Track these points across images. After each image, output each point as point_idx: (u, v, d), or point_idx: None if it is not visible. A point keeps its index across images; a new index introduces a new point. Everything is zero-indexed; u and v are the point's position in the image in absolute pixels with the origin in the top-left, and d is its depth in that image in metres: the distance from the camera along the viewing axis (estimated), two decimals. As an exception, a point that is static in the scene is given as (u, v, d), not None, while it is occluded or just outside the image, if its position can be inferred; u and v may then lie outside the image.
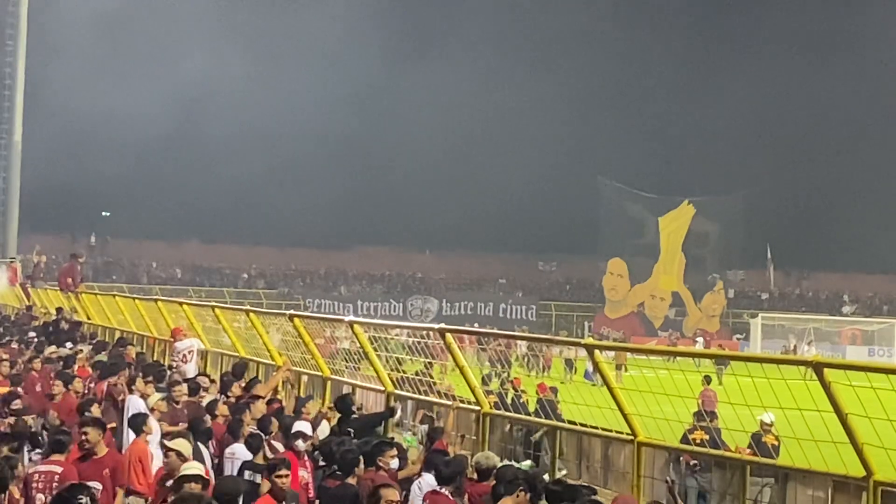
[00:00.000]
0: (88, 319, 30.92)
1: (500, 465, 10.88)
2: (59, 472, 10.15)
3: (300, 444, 11.57)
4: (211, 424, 12.72)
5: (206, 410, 13.83)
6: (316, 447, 12.01)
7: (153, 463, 11.55)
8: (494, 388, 20.63)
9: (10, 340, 23.20)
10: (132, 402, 14.51)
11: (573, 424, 14.10)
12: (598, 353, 11.99)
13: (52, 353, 20.60)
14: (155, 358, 23.02)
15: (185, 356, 20.23)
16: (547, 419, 15.10)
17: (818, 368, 8.95)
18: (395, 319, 59.11)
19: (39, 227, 61.09)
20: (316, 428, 13.23)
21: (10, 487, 8.75)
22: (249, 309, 20.98)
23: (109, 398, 15.06)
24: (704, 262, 71.22)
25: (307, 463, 11.56)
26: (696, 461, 14.06)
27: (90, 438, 10.80)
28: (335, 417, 14.34)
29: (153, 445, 12.00)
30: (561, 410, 17.57)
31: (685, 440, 13.45)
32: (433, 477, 10.53)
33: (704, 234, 70.26)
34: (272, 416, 13.16)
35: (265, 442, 12.27)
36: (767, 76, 78.52)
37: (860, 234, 71.60)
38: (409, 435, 16.52)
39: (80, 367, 18.34)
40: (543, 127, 74.46)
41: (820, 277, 79.80)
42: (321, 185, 73.01)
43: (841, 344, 60.96)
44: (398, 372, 16.50)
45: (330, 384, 17.35)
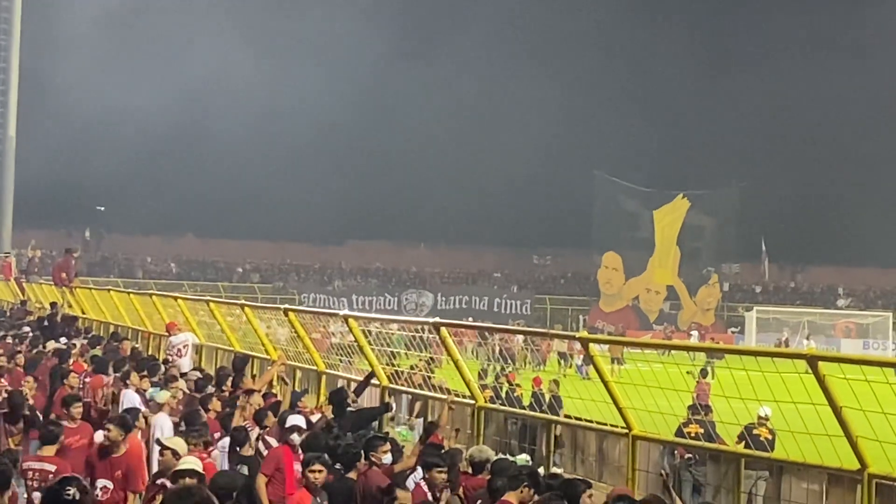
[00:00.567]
0: (83, 314, 30.90)
1: (493, 458, 10.87)
2: (52, 470, 10.07)
3: (295, 437, 11.57)
4: (206, 419, 12.70)
5: (199, 404, 13.83)
6: (307, 440, 11.96)
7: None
8: (490, 382, 20.65)
9: (4, 335, 23.15)
10: (127, 396, 14.52)
11: (568, 418, 14.11)
12: (592, 346, 12.00)
13: (47, 349, 20.53)
14: (150, 352, 23.01)
15: (179, 350, 20.24)
16: (553, 413, 15.14)
17: (813, 362, 8.96)
18: (389, 313, 59.06)
19: (34, 222, 61.03)
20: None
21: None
22: (244, 303, 20.95)
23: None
24: (699, 255, 71.26)
25: (301, 457, 11.54)
26: (690, 454, 14.10)
27: (110, 436, 10.73)
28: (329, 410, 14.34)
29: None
30: (564, 404, 17.55)
31: (680, 434, 13.44)
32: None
33: (699, 227, 70.31)
34: (268, 409, 13.15)
35: (260, 436, 12.28)
36: (762, 71, 78.51)
37: (855, 227, 71.65)
38: (403, 429, 16.53)
39: (74, 361, 18.31)
40: (538, 121, 74.38)
41: (815, 271, 79.88)
42: (316, 179, 73.03)
43: (835, 337, 61.01)
44: (392, 366, 16.50)
45: (325, 378, 17.36)
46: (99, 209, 72.90)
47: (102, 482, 10.50)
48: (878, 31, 73.71)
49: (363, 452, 10.70)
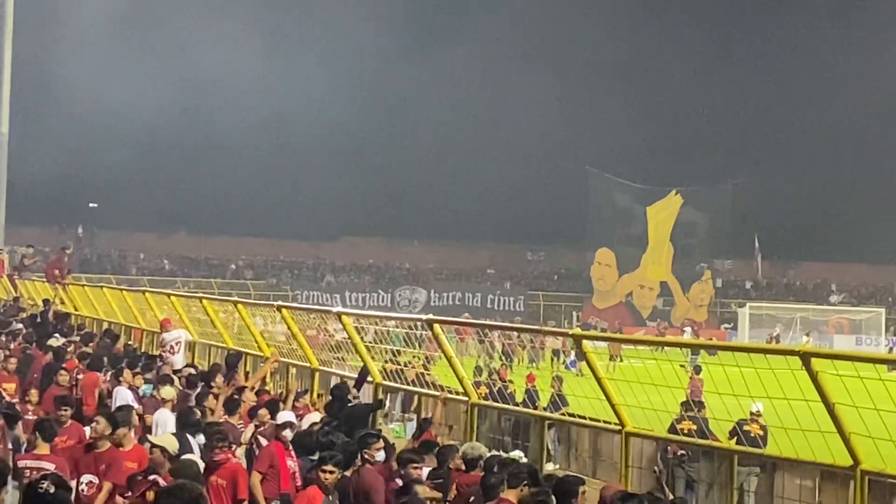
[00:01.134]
0: (76, 311, 30.86)
1: (486, 455, 10.87)
2: (50, 469, 10.00)
3: (287, 433, 11.57)
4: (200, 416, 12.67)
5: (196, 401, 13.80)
6: (298, 437, 11.95)
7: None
8: (485, 378, 20.64)
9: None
10: (119, 393, 14.49)
11: (562, 415, 14.12)
12: (585, 343, 12.01)
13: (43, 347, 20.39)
14: (143, 349, 22.97)
15: (171, 347, 20.20)
16: (556, 410, 15.15)
17: (806, 358, 8.97)
18: (383, 310, 58.99)
19: (26, 218, 60.84)
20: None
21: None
22: (237, 300, 20.94)
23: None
24: (692, 251, 71.22)
25: (293, 453, 11.54)
26: (683, 451, 14.11)
27: (98, 429, 10.65)
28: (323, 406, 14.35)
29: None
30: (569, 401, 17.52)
31: (673, 430, 13.47)
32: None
33: (692, 223, 70.26)
34: (265, 407, 13.11)
35: (254, 436, 12.27)
36: (756, 68, 78.63)
37: (847, 223, 71.77)
38: (396, 426, 16.54)
39: (69, 359, 18.23)
40: (531, 117, 74.35)
41: (807, 267, 79.96)
42: (309, 176, 72.95)
43: (828, 333, 61.08)
44: (394, 364, 16.50)
45: (318, 375, 17.35)
46: (92, 206, 72.72)
47: (87, 477, 10.45)
48: (873, 29, 73.74)
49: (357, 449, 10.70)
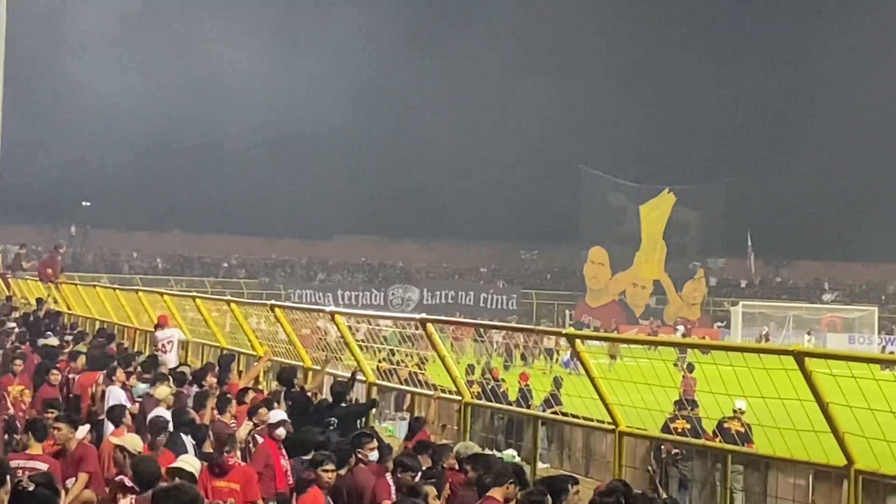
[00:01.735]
0: (69, 310, 30.80)
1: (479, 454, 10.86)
2: (43, 469, 10.01)
3: (280, 432, 11.55)
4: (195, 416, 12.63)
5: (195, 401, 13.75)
6: (296, 436, 11.92)
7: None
8: (478, 377, 20.63)
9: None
10: (112, 392, 14.44)
11: (555, 414, 14.12)
12: (579, 342, 12.00)
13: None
14: (136, 348, 22.94)
15: (163, 346, 20.16)
16: (549, 409, 15.14)
17: (799, 357, 8.97)
18: (376, 308, 59.05)
19: (19, 217, 60.69)
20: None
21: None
22: (231, 299, 20.90)
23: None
24: (685, 250, 71.29)
25: (284, 452, 11.52)
26: (677, 450, 14.10)
27: (59, 436, 10.78)
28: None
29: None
30: (563, 401, 17.51)
31: (666, 429, 13.45)
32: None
33: (685, 222, 70.33)
34: (263, 406, 13.06)
35: (251, 434, 12.25)
36: (749, 66, 78.67)
37: (840, 222, 71.91)
38: (389, 425, 16.52)
39: (62, 361, 18.15)
40: (524, 117, 74.40)
41: (800, 265, 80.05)
42: (302, 175, 72.91)
43: (821, 331, 61.15)
44: (389, 363, 16.50)
45: (311, 375, 17.32)
46: (85, 205, 72.65)
47: (70, 481, 10.55)
48: (868, 29, 73.83)
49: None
